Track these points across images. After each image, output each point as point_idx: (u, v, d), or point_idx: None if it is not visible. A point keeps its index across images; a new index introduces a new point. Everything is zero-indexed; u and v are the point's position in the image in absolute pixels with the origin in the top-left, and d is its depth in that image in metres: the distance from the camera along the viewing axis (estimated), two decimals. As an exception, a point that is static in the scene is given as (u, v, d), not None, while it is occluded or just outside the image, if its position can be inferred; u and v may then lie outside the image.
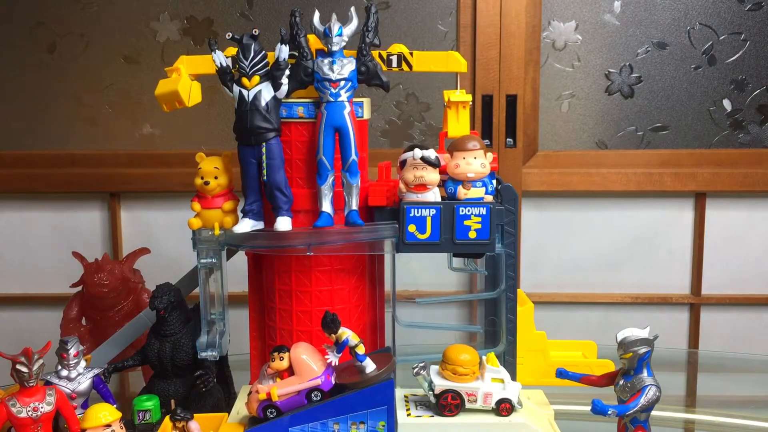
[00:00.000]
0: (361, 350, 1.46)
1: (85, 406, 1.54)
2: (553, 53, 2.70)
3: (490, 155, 1.62)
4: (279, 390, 1.45)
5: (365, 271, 1.74)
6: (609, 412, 1.40)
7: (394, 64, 1.68)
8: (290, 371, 1.46)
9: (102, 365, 1.72)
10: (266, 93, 1.57)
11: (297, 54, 1.60)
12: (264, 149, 1.58)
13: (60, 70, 2.75)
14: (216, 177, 1.64)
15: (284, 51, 1.56)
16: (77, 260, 2.20)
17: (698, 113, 2.72)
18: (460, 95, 1.70)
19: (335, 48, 1.58)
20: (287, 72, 1.57)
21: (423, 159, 1.55)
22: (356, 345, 1.45)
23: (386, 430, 1.46)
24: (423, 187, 1.58)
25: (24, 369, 1.39)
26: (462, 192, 1.59)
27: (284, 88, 1.58)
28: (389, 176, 1.70)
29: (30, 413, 1.39)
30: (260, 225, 1.65)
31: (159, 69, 2.41)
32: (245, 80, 1.57)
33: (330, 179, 1.59)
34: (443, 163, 1.61)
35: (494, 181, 1.64)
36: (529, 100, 2.69)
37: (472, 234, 1.57)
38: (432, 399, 1.52)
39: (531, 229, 2.76)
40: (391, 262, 1.71)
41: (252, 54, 1.56)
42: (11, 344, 1.73)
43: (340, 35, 1.58)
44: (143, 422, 1.60)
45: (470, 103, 1.72)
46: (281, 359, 1.46)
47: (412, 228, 1.57)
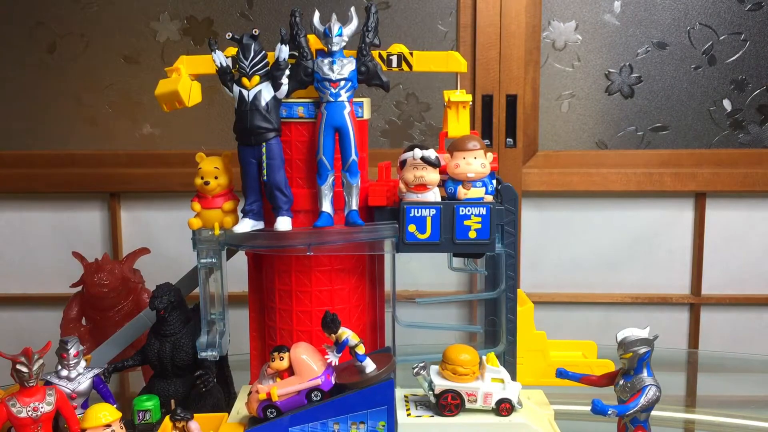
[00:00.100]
0: (361, 350, 1.46)
1: (85, 406, 1.54)
2: (553, 53, 2.70)
3: (490, 155, 1.62)
4: (279, 390, 1.45)
5: (365, 271, 1.74)
6: (609, 412, 1.40)
7: (394, 64, 1.68)
8: (290, 371, 1.46)
9: (102, 365, 1.71)
10: (266, 93, 1.57)
11: (297, 54, 1.60)
12: (264, 149, 1.58)
13: (60, 70, 2.74)
14: (216, 177, 1.64)
15: (284, 51, 1.56)
16: (77, 260, 2.20)
17: (698, 113, 2.72)
18: (460, 95, 1.70)
19: (335, 48, 1.57)
20: (287, 72, 1.57)
21: (423, 159, 1.55)
22: (356, 345, 1.45)
23: (386, 430, 1.46)
24: (423, 187, 1.58)
25: (24, 369, 1.39)
26: (462, 192, 1.58)
27: (284, 88, 1.58)
28: (389, 176, 1.70)
29: (30, 413, 1.39)
30: (260, 225, 1.65)
31: (159, 69, 2.41)
32: (245, 80, 1.57)
33: (330, 179, 1.59)
34: (443, 163, 1.61)
35: (494, 181, 1.64)
36: (529, 100, 2.69)
37: (472, 234, 1.57)
38: (432, 399, 1.52)
39: (531, 229, 2.76)
40: (391, 262, 1.71)
41: (252, 54, 1.56)
42: (11, 344, 1.72)
43: (340, 35, 1.57)
44: (143, 422, 1.60)
45: (470, 103, 1.72)
46: (281, 359, 1.46)
47: (412, 228, 1.57)
